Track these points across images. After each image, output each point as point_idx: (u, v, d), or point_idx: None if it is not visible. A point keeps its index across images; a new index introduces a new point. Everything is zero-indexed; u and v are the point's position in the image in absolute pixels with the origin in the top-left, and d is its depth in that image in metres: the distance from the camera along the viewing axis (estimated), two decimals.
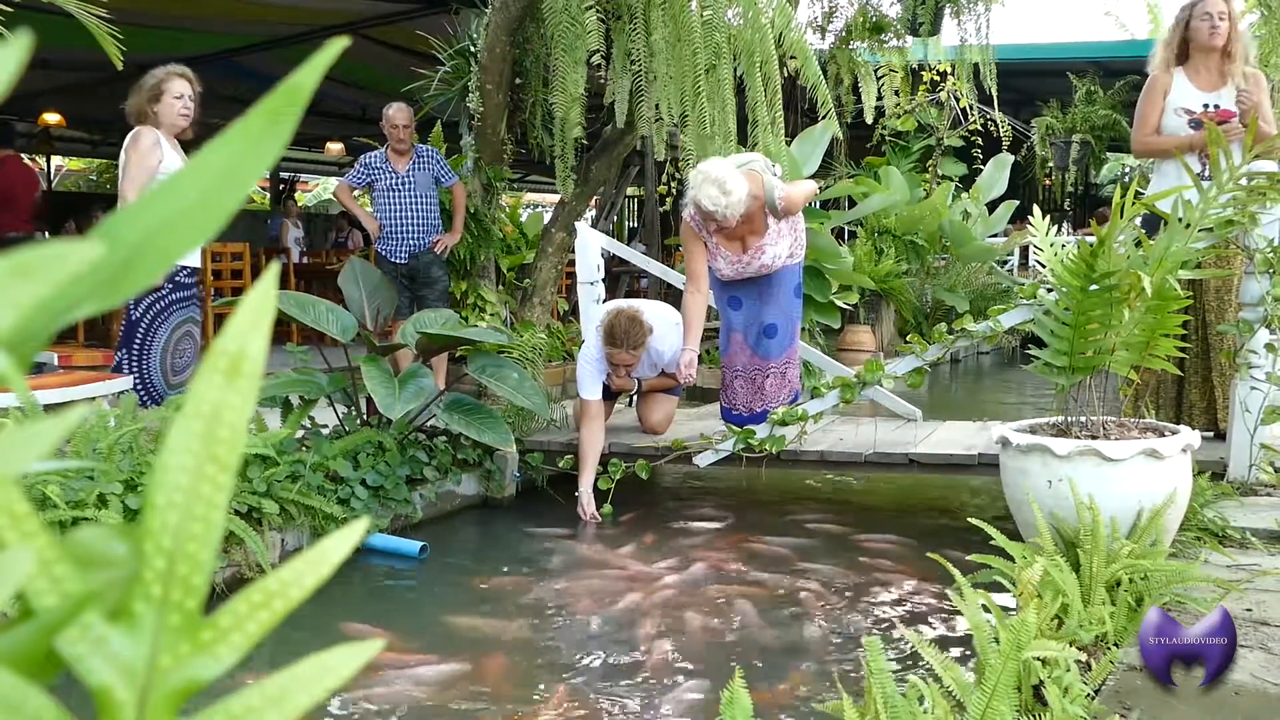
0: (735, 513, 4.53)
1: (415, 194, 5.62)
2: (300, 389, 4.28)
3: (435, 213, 5.68)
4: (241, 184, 0.39)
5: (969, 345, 4.57)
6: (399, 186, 5.62)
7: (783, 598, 3.45)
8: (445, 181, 5.68)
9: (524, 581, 3.65)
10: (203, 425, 0.41)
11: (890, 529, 4.23)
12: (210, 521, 0.41)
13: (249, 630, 0.41)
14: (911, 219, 10.14)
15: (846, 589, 3.52)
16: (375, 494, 4.12)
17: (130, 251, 0.39)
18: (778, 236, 4.47)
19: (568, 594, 3.51)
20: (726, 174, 4.21)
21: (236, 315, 0.42)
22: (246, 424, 0.42)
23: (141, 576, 0.41)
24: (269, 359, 0.44)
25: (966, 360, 11.20)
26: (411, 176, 5.62)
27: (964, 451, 4.32)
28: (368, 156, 5.69)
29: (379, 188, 5.65)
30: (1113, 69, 13.24)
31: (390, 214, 5.64)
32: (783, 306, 4.62)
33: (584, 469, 4.48)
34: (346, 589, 3.51)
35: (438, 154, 5.70)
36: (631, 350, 4.49)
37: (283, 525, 3.71)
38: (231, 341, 0.42)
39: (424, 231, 5.64)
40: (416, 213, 5.63)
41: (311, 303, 4.43)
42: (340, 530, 0.43)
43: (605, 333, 4.54)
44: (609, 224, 9.06)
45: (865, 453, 4.41)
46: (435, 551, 3.97)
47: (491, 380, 4.46)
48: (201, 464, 0.41)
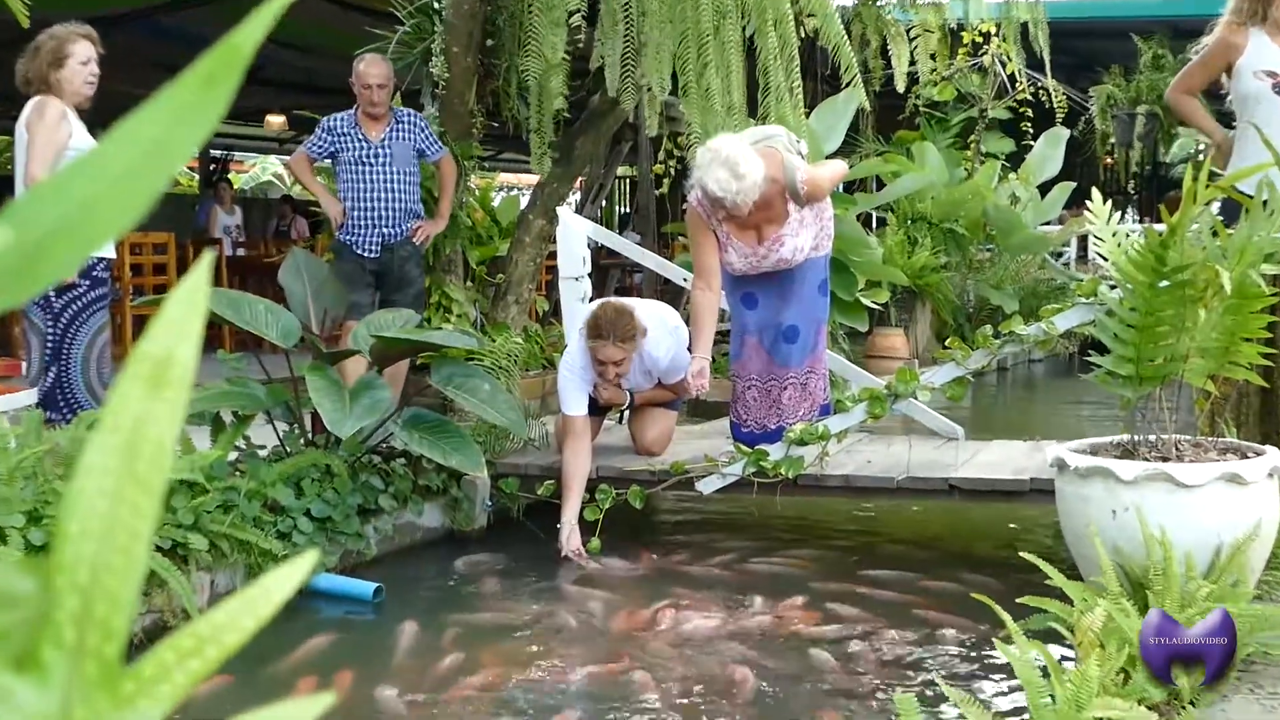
0: (745, 548, 4.53)
1: (392, 169, 5.27)
2: (234, 403, 4.28)
3: (416, 194, 5.38)
4: (171, 161, 0.39)
5: (1019, 351, 4.58)
6: (371, 159, 5.26)
7: (799, 647, 3.45)
8: (431, 155, 5.39)
9: (496, 630, 3.65)
10: (123, 441, 0.41)
11: (927, 566, 4.23)
12: (132, 554, 0.41)
13: (177, 681, 0.42)
14: (951, 203, 10.17)
15: (875, 635, 3.52)
16: (322, 527, 4.11)
17: (40, 239, 0.40)
18: (800, 226, 4.48)
19: (548, 647, 3.51)
20: (740, 153, 4.21)
21: (162, 314, 0.43)
22: (174, 441, 0.43)
23: (52, 618, 0.41)
24: (197, 368, 0.44)
25: (1016, 369, 11.22)
26: (388, 147, 5.26)
27: (1013, 476, 4.33)
28: (333, 119, 5.33)
29: (345, 160, 5.29)
30: (1184, 29, 13.26)
31: (359, 194, 5.27)
32: (805, 306, 4.63)
33: (567, 497, 4.48)
34: (286, 638, 3.50)
35: (422, 120, 5.38)
36: (620, 344, 4.47)
37: (212, 564, 3.71)
38: (156, 345, 0.42)
39: (401, 217, 5.32)
40: (393, 193, 5.29)
41: (247, 302, 4.43)
42: (283, 566, 0.43)
43: (588, 325, 4.54)
44: (596, 209, 9.07)
45: (898, 477, 4.42)
46: (392, 594, 3.97)
47: (459, 393, 4.46)
48: (122, 486, 0.41)
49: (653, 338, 4.65)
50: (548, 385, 6.19)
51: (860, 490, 4.53)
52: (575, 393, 4.63)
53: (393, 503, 4.47)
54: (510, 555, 4.50)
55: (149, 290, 7.99)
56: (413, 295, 5.39)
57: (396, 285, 5.37)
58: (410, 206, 5.39)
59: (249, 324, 4.34)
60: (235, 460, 4.30)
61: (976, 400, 9.14)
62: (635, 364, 4.69)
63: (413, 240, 5.38)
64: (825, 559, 4.39)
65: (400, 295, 5.32)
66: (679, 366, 4.64)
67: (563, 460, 4.59)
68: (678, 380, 4.70)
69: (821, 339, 4.77)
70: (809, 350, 4.68)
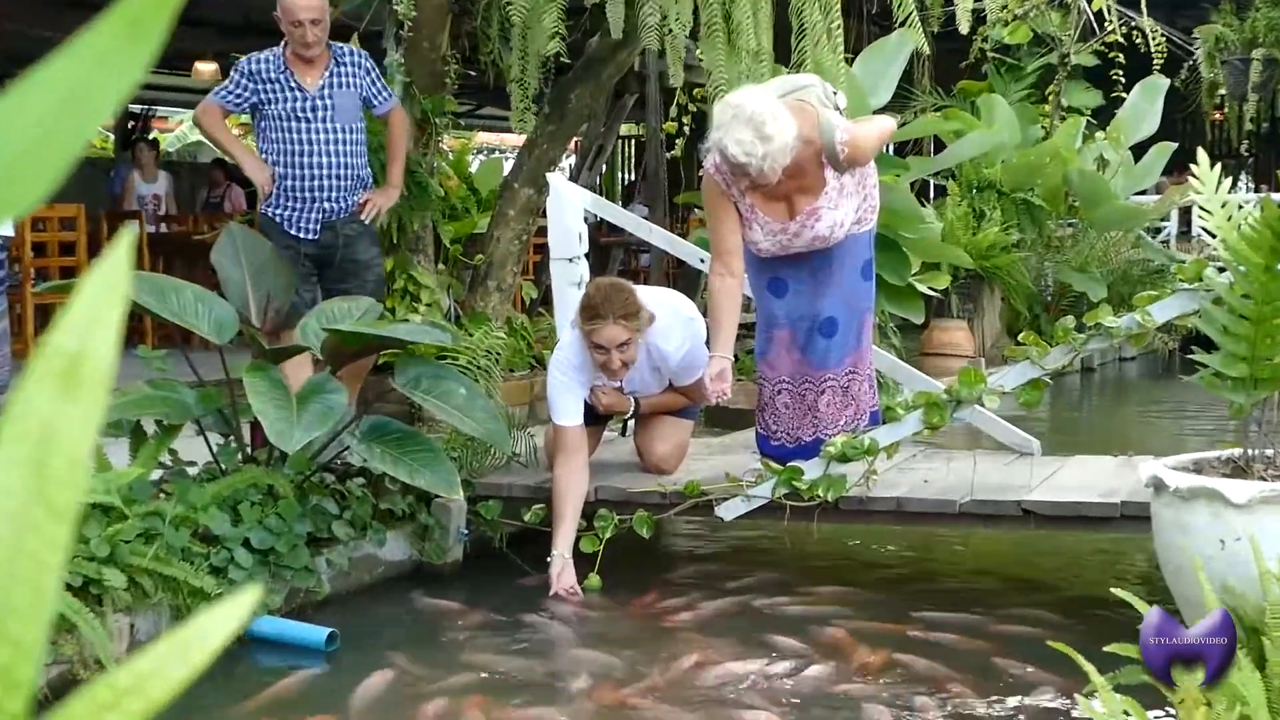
0: (775, 585, 4.54)
1: (333, 126, 5.13)
2: (157, 410, 4.29)
3: (363, 156, 5.27)
4: (91, 117, 0.40)
5: (1107, 348, 4.58)
6: (306, 113, 5.11)
7: (842, 705, 3.45)
8: (379, 106, 5.28)
9: (473, 688, 3.65)
10: (30, 453, 0.42)
11: (995, 607, 4.23)
12: (41, 589, 0.42)
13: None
14: (1025, 169, 10.17)
15: (934, 690, 3.52)
16: (263, 560, 4.12)
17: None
18: (839, 196, 4.48)
19: (535, 709, 3.51)
20: (766, 110, 4.21)
21: (74, 303, 0.43)
22: (90, 455, 0.43)
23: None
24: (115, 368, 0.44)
25: (1104, 369, 11.22)
26: (327, 97, 5.13)
27: (1100, 499, 4.32)
28: (255, 61, 5.16)
29: (272, 114, 5.15)
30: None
31: (291, 159, 5.14)
32: (845, 293, 4.64)
33: (559, 524, 4.49)
34: (221, 694, 3.51)
35: (367, 61, 5.27)
36: (621, 321, 4.46)
37: (132, 604, 3.72)
38: (68, 339, 0.43)
39: (347, 187, 5.20)
40: (335, 156, 5.15)
41: (173, 288, 4.44)
42: (217, 607, 0.44)
43: (581, 307, 4.54)
44: (595, 176, 9.10)
45: (960, 500, 4.42)
46: (348, 642, 3.97)
47: (428, 398, 4.47)
48: (28, 508, 0.42)
49: (663, 328, 4.65)
50: (536, 389, 6.21)
51: (915, 516, 4.53)
52: (569, 398, 4.63)
53: (349, 531, 4.47)
54: (490, 595, 4.50)
55: (55, 274, 8.01)
56: (370, 284, 5.25)
57: (344, 272, 5.25)
58: (358, 173, 5.25)
59: (176, 315, 4.34)
60: (159, 480, 4.30)
61: (1055, 407, 9.13)
62: (642, 360, 4.69)
63: (359, 217, 5.24)
64: (873, 599, 4.39)
65: (351, 284, 5.19)
66: (694, 365, 4.64)
67: (554, 480, 4.59)
68: (693, 383, 4.70)
69: (866, 333, 4.77)
70: (851, 347, 4.68)
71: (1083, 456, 5.13)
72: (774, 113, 4.22)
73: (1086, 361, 10.55)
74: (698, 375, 4.61)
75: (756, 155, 4.20)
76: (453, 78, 6.00)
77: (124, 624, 3.69)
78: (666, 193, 9.86)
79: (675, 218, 11.29)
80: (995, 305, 10.27)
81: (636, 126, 14.06)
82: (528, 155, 6.55)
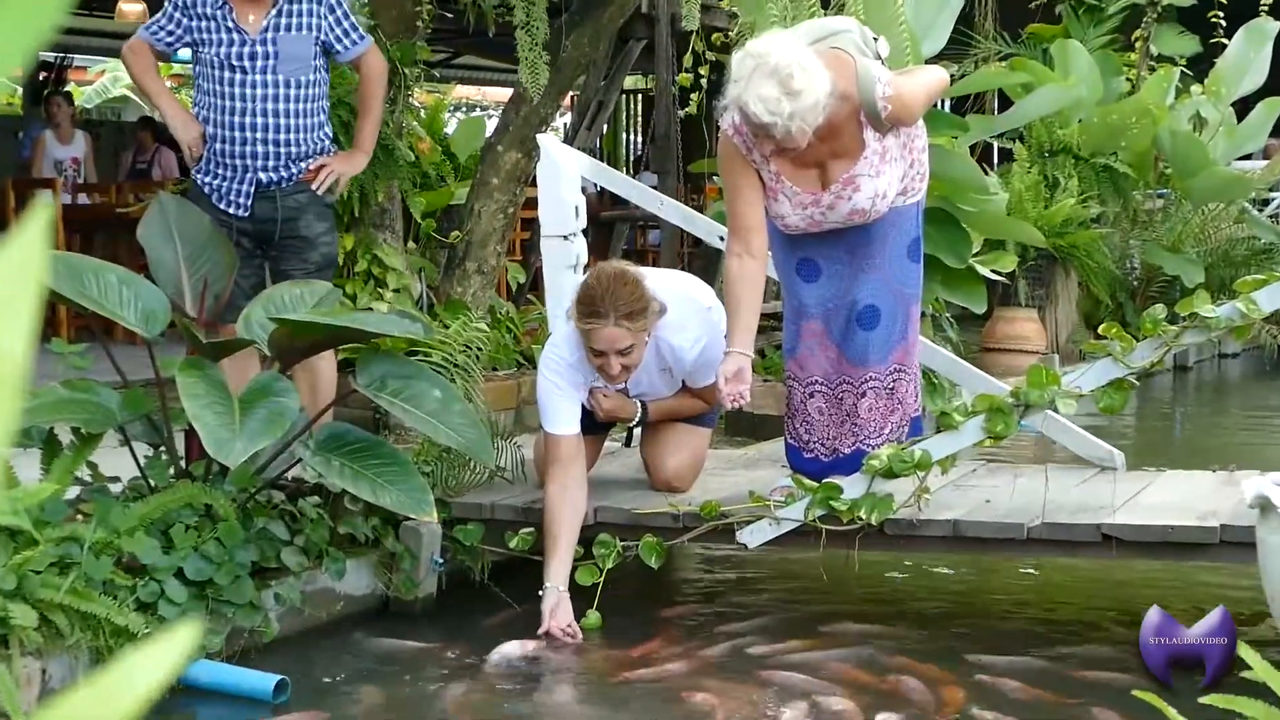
0: (808, 624, 4.54)
1: (273, 78, 5.05)
2: (74, 416, 4.30)
3: (316, 116, 5.19)
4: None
5: (1205, 343, 4.58)
6: (240, 60, 5.03)
7: None
8: (346, 50, 5.16)
9: None
10: None
11: (1073, 647, 4.24)
12: None
13: None
14: (1106, 129, 10.15)
15: None
16: (200, 594, 4.13)
17: None
18: (881, 162, 4.49)
19: None
20: (794, 60, 4.21)
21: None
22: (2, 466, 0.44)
23: None
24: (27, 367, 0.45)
25: (1201, 368, 11.21)
26: (269, 42, 5.05)
27: (1196, 523, 4.32)
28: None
29: (205, 58, 5.08)
30: None
31: (221, 116, 5.08)
32: (888, 278, 4.64)
33: (553, 551, 4.49)
34: None
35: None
36: (625, 322, 4.47)
37: (44, 646, 3.72)
38: None
39: (285, 155, 5.12)
40: (270, 117, 5.09)
41: (93, 271, 4.45)
42: (146, 649, 0.44)
43: (578, 300, 4.55)
44: (595, 138, 9.10)
45: (1029, 524, 4.42)
46: (301, 691, 3.98)
47: (396, 402, 4.48)
48: None
49: (675, 320, 4.66)
50: (524, 391, 6.21)
51: (974, 542, 4.53)
52: (563, 402, 4.63)
53: (302, 560, 4.48)
54: (469, 636, 4.50)
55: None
56: (311, 265, 5.18)
57: (283, 250, 5.20)
58: (304, 138, 5.16)
59: (96, 303, 4.35)
60: (76, 499, 4.31)
61: (1143, 413, 9.13)
62: (650, 359, 4.70)
63: (308, 183, 5.15)
64: (925, 639, 4.39)
65: (291, 264, 5.17)
66: (712, 364, 4.64)
67: (545, 499, 4.59)
68: (710, 385, 4.71)
69: (913, 325, 4.77)
70: (896, 341, 4.68)
71: (1175, 472, 5.13)
72: (803, 63, 4.22)
73: (1180, 359, 10.56)
74: (716, 375, 4.61)
75: (783, 114, 4.19)
76: (425, 20, 6.00)
77: (34, 669, 3.69)
78: (679, 158, 9.86)
79: (690, 188, 11.30)
80: (1071, 292, 10.26)
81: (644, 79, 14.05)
82: (514, 113, 6.55)
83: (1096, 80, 10.26)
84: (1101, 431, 5.22)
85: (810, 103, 4.20)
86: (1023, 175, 9.78)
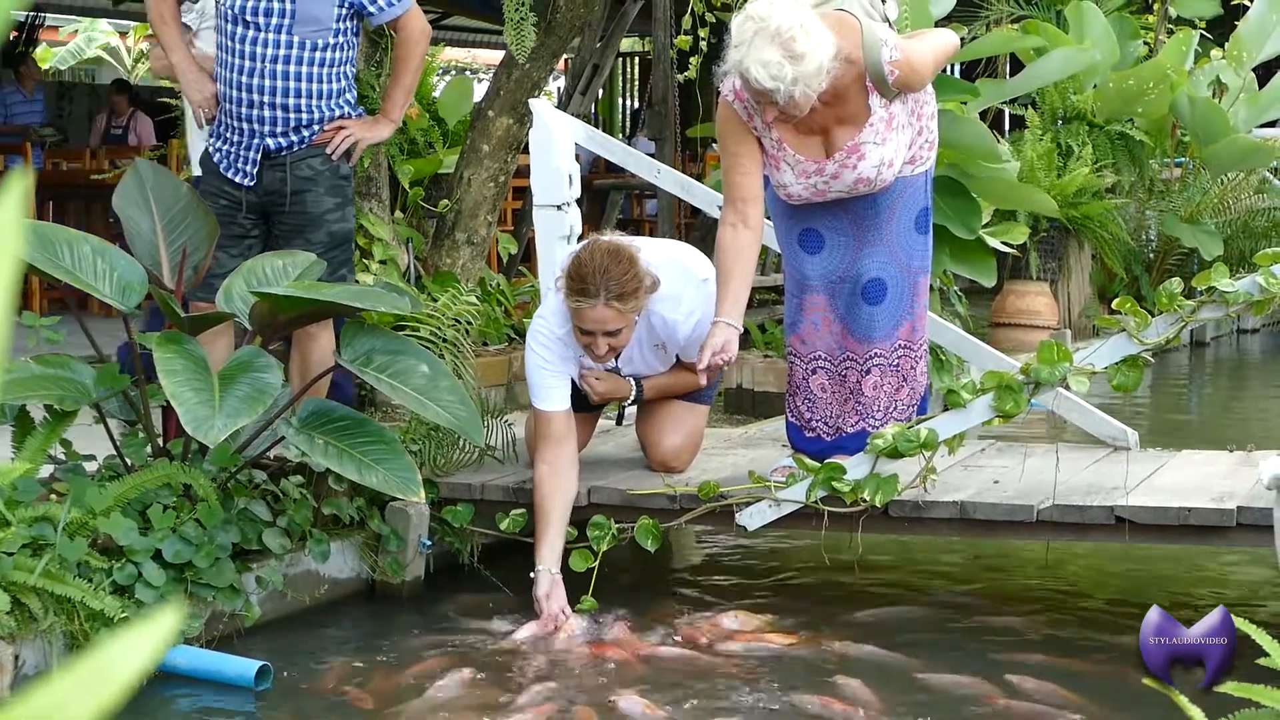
0: (809, 611, 4.55)
1: (288, 38, 4.88)
2: (47, 392, 4.30)
3: (334, 83, 4.99)
4: None
5: (1223, 318, 4.58)
6: (254, 16, 4.87)
7: None
8: (380, 12, 4.95)
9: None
10: None
11: (1081, 632, 4.25)
12: None
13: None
14: (1123, 95, 10.13)
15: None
16: (179, 577, 4.13)
17: None
18: (887, 129, 4.49)
19: None
20: (797, 22, 4.21)
21: None
22: None
23: None
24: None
25: (1219, 344, 11.22)
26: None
27: (1211, 505, 4.33)
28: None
29: (222, 10, 4.93)
30: None
31: (230, 73, 4.94)
32: (895, 249, 4.64)
33: (544, 533, 4.50)
34: None
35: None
36: (615, 303, 4.47)
37: (16, 630, 3.73)
38: None
39: (294, 121, 4.95)
40: (279, 80, 4.91)
41: (67, 241, 4.44)
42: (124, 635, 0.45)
43: (567, 275, 4.54)
44: (590, 103, 9.08)
45: (1039, 506, 4.43)
46: (283, 678, 3.99)
47: (383, 378, 4.47)
48: None
49: (669, 294, 4.66)
50: (515, 367, 6.22)
51: (982, 525, 4.54)
52: (553, 379, 4.64)
53: (284, 542, 4.49)
54: (457, 621, 4.52)
55: None
56: (319, 244, 4.99)
57: (289, 229, 5.06)
58: (319, 104, 5.00)
59: (70, 274, 4.34)
60: (49, 478, 4.31)
61: (1158, 391, 9.14)
62: (642, 333, 4.70)
63: (325, 150, 5.01)
64: (936, 626, 4.40)
65: (295, 243, 4.98)
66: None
67: (536, 479, 4.60)
68: None
69: (921, 298, 4.77)
70: (902, 315, 4.68)
71: (1190, 452, 5.14)
72: (806, 26, 4.22)
73: (1197, 335, 10.57)
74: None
75: (785, 79, 4.19)
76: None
77: (7, 654, 3.69)
78: (678, 124, 9.83)
79: (689, 155, 11.28)
80: (1084, 264, 10.26)
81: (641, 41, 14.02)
82: (506, 76, 6.54)
83: (1112, 43, 10.24)
84: (1115, 410, 5.23)
85: (813, 67, 4.20)
86: (1035, 143, 9.77)
